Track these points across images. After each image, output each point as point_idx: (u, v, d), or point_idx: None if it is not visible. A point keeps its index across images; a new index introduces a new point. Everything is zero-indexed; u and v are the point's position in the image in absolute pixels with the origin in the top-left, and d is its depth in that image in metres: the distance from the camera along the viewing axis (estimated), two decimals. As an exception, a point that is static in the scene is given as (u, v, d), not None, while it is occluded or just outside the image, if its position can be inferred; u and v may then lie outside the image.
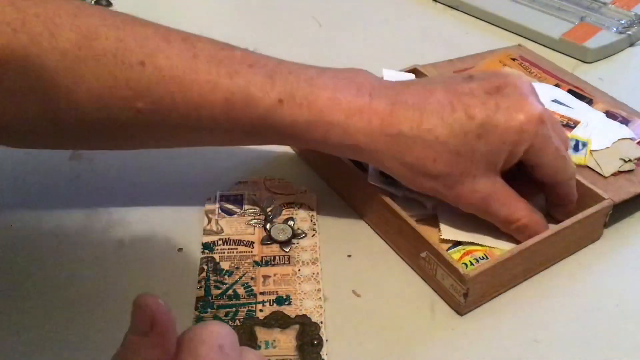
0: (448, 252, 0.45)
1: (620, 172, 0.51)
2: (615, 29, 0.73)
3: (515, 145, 0.44)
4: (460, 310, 0.44)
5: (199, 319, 0.43)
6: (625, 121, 0.57)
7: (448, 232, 0.48)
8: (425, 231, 0.45)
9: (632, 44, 0.74)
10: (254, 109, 0.44)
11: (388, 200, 0.47)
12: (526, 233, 0.46)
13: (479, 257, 0.46)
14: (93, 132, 0.45)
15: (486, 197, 0.45)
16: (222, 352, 0.27)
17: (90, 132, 0.45)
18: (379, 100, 0.45)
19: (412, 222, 0.46)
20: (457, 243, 0.47)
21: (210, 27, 0.51)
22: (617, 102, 0.59)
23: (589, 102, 0.59)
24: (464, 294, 0.42)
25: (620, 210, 0.50)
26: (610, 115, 0.58)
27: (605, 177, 0.51)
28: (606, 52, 0.72)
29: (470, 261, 0.46)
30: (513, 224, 0.46)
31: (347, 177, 0.51)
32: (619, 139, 0.54)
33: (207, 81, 0.43)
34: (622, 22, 0.74)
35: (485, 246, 0.47)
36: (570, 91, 0.60)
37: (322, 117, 0.44)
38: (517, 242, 0.46)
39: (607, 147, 0.53)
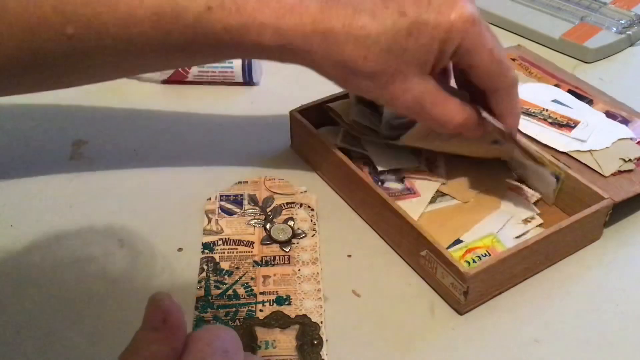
0: (449, 250, 0.45)
1: (620, 171, 0.51)
2: (615, 29, 0.73)
3: (445, 43, 0.44)
4: (461, 309, 0.44)
5: (199, 319, 0.43)
6: (625, 121, 0.57)
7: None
8: (426, 230, 0.45)
9: (632, 44, 0.74)
10: (183, 18, 0.43)
11: (388, 199, 0.47)
12: (467, 132, 0.47)
13: (481, 255, 0.46)
14: (27, 70, 0.44)
15: (418, 97, 0.45)
16: (226, 356, 0.27)
17: (24, 70, 0.44)
18: None
19: (412, 220, 0.46)
20: (458, 241, 0.48)
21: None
22: (617, 102, 0.59)
23: (589, 102, 0.59)
24: (464, 292, 0.42)
25: (620, 210, 0.50)
26: (610, 115, 0.57)
27: (605, 177, 0.51)
28: (606, 52, 0.72)
29: (472, 259, 0.46)
30: (448, 124, 0.46)
31: (347, 177, 0.51)
32: (619, 139, 0.54)
33: None
34: (622, 22, 0.74)
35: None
36: (570, 91, 0.60)
37: (253, 20, 0.43)
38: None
39: (607, 147, 0.53)
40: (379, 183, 0.52)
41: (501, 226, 0.49)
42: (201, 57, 0.48)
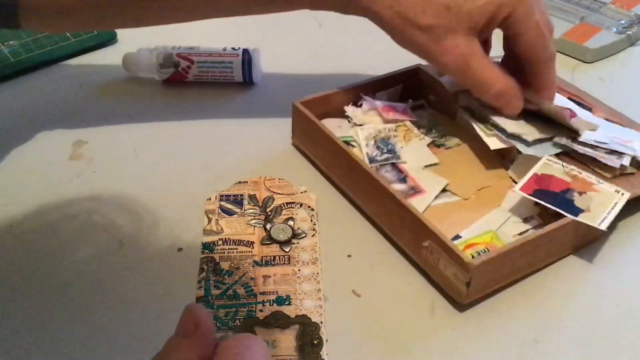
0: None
1: (621, 174, 0.52)
2: (615, 29, 0.73)
3: (499, 9, 0.48)
4: (462, 300, 0.44)
5: (199, 319, 0.43)
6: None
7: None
8: (428, 220, 0.45)
9: (632, 44, 0.74)
10: None
11: (390, 188, 0.47)
12: (504, 98, 0.51)
13: (481, 251, 0.46)
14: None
15: (466, 55, 0.49)
16: None
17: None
18: None
19: (415, 210, 0.45)
20: (457, 237, 0.48)
21: (211, 26, 0.51)
22: (615, 112, 0.59)
23: (589, 110, 0.59)
24: (467, 283, 0.42)
25: (621, 210, 0.49)
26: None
27: (608, 178, 0.51)
28: (606, 52, 0.72)
29: (472, 255, 0.46)
30: (492, 88, 0.50)
31: (348, 167, 0.51)
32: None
33: None
34: (622, 22, 0.74)
35: None
36: (570, 99, 0.60)
37: None
38: None
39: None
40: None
41: (501, 224, 0.49)
42: (274, 6, 0.53)
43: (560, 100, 0.57)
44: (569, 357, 0.42)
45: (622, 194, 0.48)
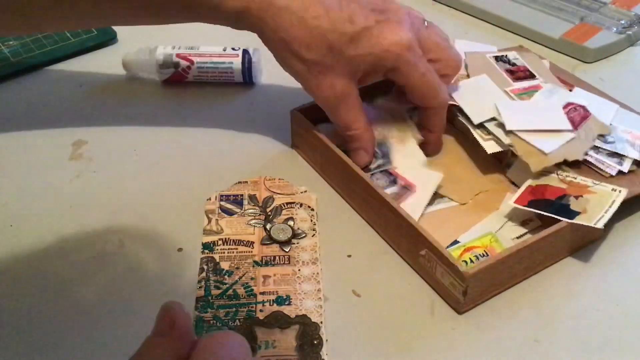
0: (447, 249, 0.45)
1: (621, 172, 0.52)
2: (615, 29, 0.73)
3: (380, 61, 0.49)
4: (460, 308, 0.44)
5: (199, 319, 0.43)
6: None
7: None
8: (425, 228, 0.45)
9: (632, 44, 0.74)
10: None
11: (387, 197, 0.47)
12: (356, 144, 0.52)
13: (479, 254, 0.46)
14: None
15: (339, 96, 0.50)
16: None
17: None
18: None
19: (411, 219, 0.46)
20: (456, 241, 0.48)
21: (211, 26, 0.51)
22: (619, 103, 0.59)
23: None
24: (463, 292, 0.42)
25: (620, 210, 0.49)
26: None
27: (606, 177, 0.51)
28: (606, 52, 0.72)
29: (470, 258, 0.46)
30: (350, 130, 0.52)
31: (347, 176, 0.51)
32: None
33: None
34: (622, 22, 0.74)
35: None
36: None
37: None
38: None
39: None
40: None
41: (499, 227, 0.49)
42: (165, 14, 0.51)
43: (579, 94, 0.57)
44: (568, 357, 0.42)
45: (619, 192, 0.48)
